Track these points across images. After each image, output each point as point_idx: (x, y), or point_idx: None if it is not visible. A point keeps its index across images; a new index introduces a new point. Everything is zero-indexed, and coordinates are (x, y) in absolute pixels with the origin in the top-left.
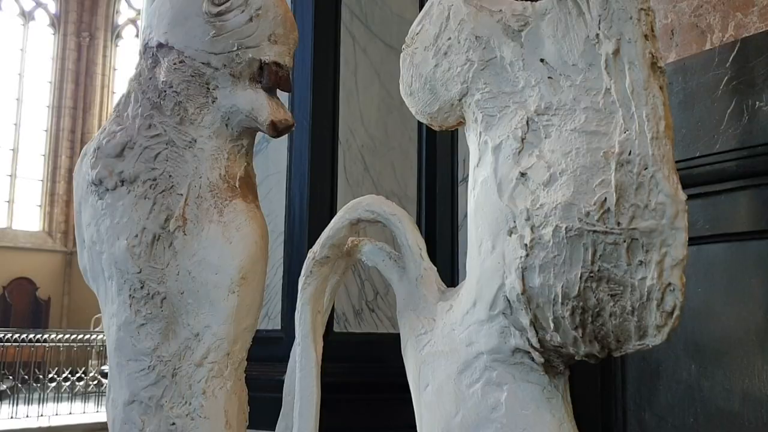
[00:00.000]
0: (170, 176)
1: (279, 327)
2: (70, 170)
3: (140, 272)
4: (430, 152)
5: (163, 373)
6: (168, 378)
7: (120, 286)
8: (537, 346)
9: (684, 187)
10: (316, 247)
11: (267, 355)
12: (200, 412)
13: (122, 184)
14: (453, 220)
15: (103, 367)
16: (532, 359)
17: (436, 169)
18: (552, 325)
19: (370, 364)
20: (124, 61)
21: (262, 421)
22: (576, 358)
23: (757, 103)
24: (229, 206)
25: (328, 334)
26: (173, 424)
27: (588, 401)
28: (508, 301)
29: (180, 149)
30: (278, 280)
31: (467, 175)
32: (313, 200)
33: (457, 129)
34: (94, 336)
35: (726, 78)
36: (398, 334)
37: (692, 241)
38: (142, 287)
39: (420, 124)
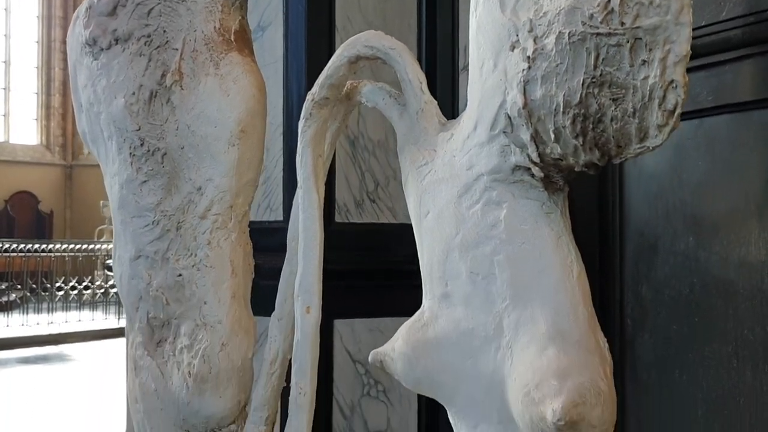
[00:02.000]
0: (164, 31)
1: (281, 218)
2: (65, 83)
3: (139, 129)
4: (430, 40)
5: (167, 227)
6: (172, 231)
7: (120, 145)
8: (537, 161)
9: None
10: (315, 88)
11: (270, 245)
12: (206, 262)
13: (116, 43)
14: (454, 107)
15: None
16: (532, 176)
17: (437, 58)
18: (552, 136)
19: (372, 253)
20: None
21: (265, 308)
22: (576, 169)
23: None
24: (225, 59)
25: (330, 224)
26: (180, 275)
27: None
28: (509, 117)
29: (173, 3)
30: (278, 172)
31: (467, 63)
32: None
33: (458, 15)
34: (98, 246)
35: None
36: (400, 224)
37: (695, 113)
38: (142, 144)
39: (419, 11)
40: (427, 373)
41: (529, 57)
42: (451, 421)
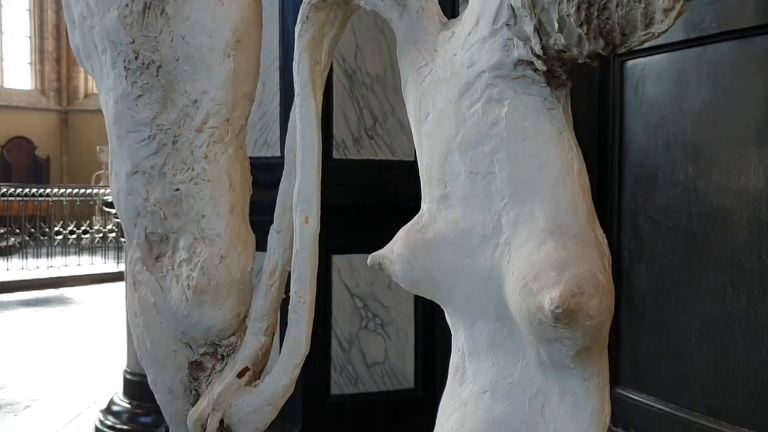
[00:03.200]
0: None
1: (278, 154)
2: (58, 26)
3: (133, 42)
4: None
5: (163, 141)
6: (169, 146)
7: (114, 59)
8: (540, 53)
9: None
10: None
11: (267, 181)
12: (203, 176)
13: None
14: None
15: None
16: (535, 70)
17: None
18: (556, 26)
19: (370, 189)
20: None
21: (265, 244)
22: (579, 60)
23: None
24: None
25: (328, 161)
26: (177, 190)
27: None
28: (512, 9)
29: None
30: (275, 107)
31: None
32: None
33: None
34: (96, 191)
35: None
36: (398, 161)
37: (698, 41)
38: (136, 58)
39: None
40: (426, 273)
41: None
42: (448, 320)
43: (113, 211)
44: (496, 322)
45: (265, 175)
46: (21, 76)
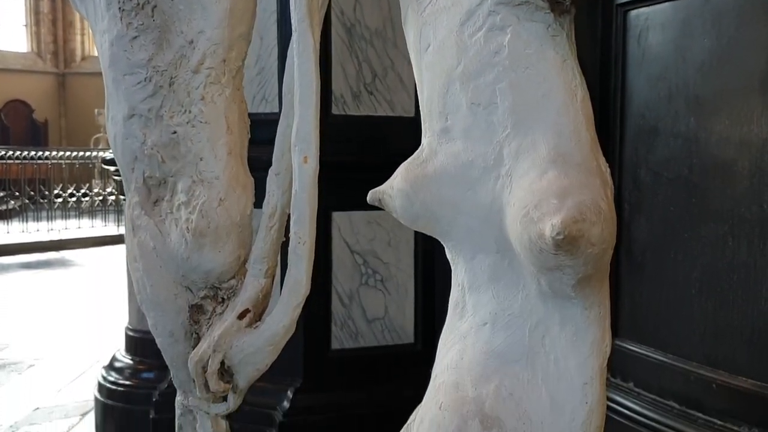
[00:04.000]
0: None
1: (277, 110)
2: None
3: None
4: None
5: (160, 83)
6: (165, 88)
7: (108, 1)
8: None
9: None
10: None
11: (266, 138)
12: (200, 118)
13: None
14: None
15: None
16: None
17: None
18: None
19: (370, 145)
20: None
21: (263, 200)
22: None
23: None
24: None
25: (327, 116)
26: (174, 132)
27: None
28: None
29: None
30: (273, 61)
31: None
32: None
33: None
34: (95, 154)
35: None
36: (398, 117)
37: None
38: None
39: None
40: (426, 208)
41: None
42: (448, 255)
43: (113, 168)
44: (496, 254)
45: (264, 131)
46: (16, 38)
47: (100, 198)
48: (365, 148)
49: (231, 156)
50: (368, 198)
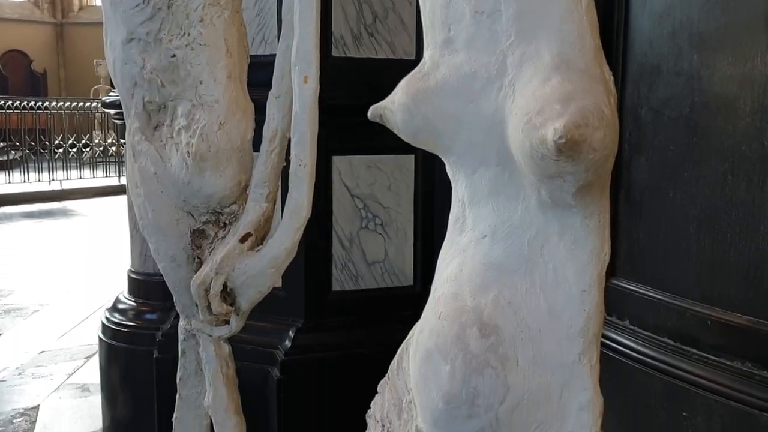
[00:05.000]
0: None
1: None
2: None
3: None
4: None
5: (158, 6)
6: (164, 10)
7: None
8: None
9: None
10: None
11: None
12: (200, 40)
13: None
14: None
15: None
16: None
17: None
18: None
19: (371, 88)
20: None
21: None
22: None
23: None
24: None
25: (327, 58)
26: (173, 56)
27: None
28: None
29: None
30: (273, 1)
31: None
32: None
33: None
34: (95, 104)
35: None
36: (398, 60)
37: None
38: None
39: None
40: (427, 122)
41: None
42: (449, 172)
43: (113, 111)
44: (497, 167)
45: (263, 74)
46: None
47: (101, 149)
48: (366, 91)
49: (230, 79)
50: (369, 114)
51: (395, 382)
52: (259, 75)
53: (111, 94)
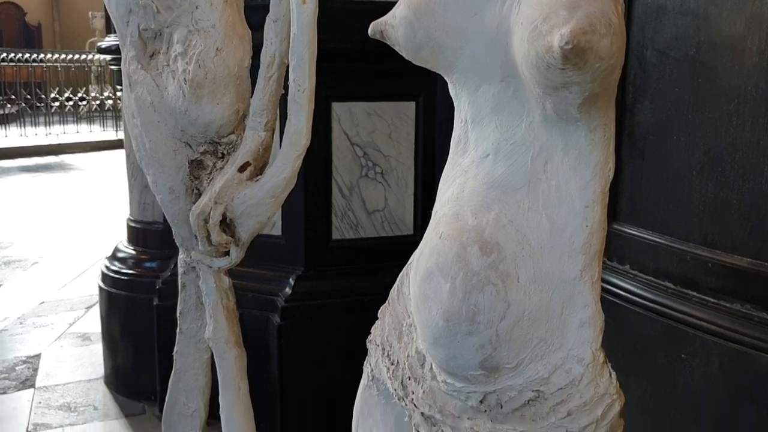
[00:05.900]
0: None
1: None
2: None
3: None
4: None
5: None
6: None
7: None
8: None
9: None
10: None
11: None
12: None
13: None
14: None
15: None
16: None
17: None
18: None
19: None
20: None
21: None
22: None
23: None
24: None
25: (326, 1)
26: None
27: None
28: None
29: None
30: None
31: None
32: None
33: None
34: (90, 57)
35: None
36: (396, 3)
37: None
38: None
39: None
40: (429, 37)
41: None
42: (451, 92)
43: (109, 57)
44: (501, 83)
45: (262, 17)
46: None
47: (98, 103)
48: (366, 35)
49: (227, 4)
50: (369, 31)
51: (395, 307)
52: (255, 18)
53: (107, 39)
